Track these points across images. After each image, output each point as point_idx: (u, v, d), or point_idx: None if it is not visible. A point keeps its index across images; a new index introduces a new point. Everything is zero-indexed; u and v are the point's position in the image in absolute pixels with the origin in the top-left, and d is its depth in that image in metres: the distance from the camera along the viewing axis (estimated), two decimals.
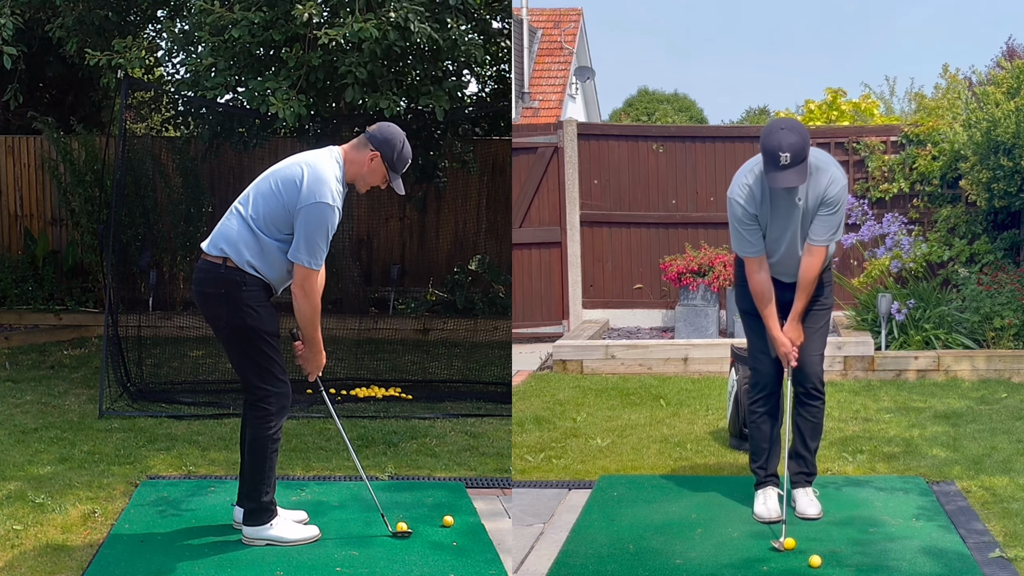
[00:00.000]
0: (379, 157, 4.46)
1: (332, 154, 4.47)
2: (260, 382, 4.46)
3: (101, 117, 11.68)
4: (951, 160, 9.39)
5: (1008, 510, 4.89)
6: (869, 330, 8.47)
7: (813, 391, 4.89)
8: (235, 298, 4.38)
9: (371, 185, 4.56)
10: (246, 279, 4.39)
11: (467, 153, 10.61)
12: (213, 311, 4.46)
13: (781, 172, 4.44)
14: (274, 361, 4.46)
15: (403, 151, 4.50)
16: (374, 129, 4.51)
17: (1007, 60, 9.88)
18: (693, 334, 9.22)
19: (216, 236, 4.46)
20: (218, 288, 4.40)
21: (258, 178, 4.53)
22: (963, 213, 9.39)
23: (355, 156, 4.48)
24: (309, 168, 4.36)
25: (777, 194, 4.61)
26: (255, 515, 4.53)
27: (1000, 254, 9.12)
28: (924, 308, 8.40)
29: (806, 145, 4.47)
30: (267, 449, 4.50)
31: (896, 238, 9.09)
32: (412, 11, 7.44)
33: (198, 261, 4.53)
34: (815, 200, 4.63)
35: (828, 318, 4.97)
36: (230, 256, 4.38)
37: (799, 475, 4.99)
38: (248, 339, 4.41)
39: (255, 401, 4.49)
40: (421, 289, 11.29)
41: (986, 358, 7.97)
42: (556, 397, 7.60)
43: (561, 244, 10.12)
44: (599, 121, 23.84)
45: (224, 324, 4.44)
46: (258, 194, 4.43)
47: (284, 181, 4.38)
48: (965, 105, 9.30)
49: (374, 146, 4.46)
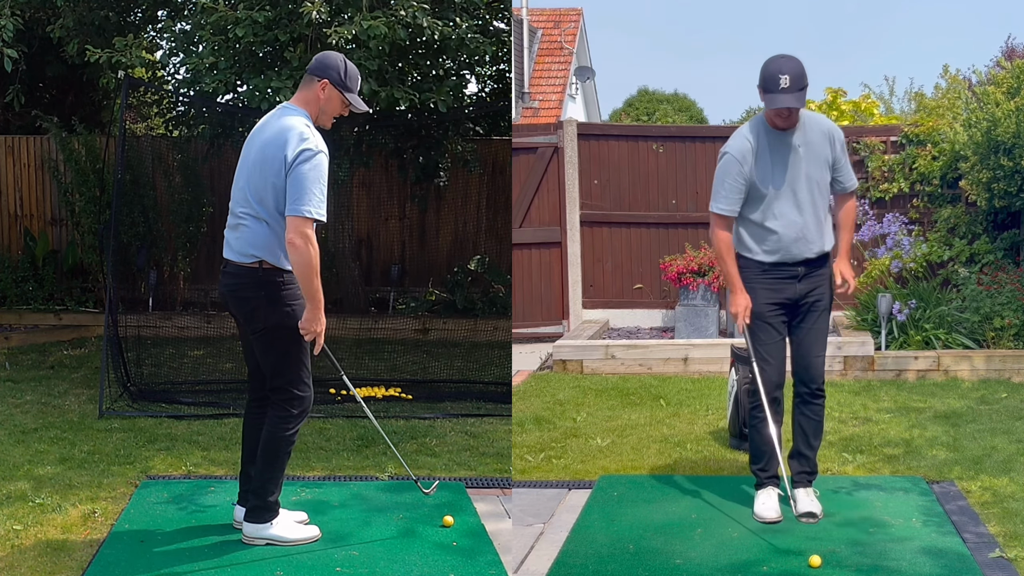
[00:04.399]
0: (328, 83, 4.43)
1: (288, 110, 4.44)
2: (289, 384, 4.47)
3: (101, 117, 11.68)
4: (951, 160, 9.39)
5: (1008, 510, 4.89)
6: (869, 330, 8.47)
7: (817, 391, 4.93)
8: (276, 298, 4.38)
9: (334, 115, 4.50)
10: (285, 277, 4.39)
11: (468, 153, 10.62)
12: (252, 314, 4.44)
13: (781, 94, 4.57)
14: (304, 363, 4.49)
15: (348, 68, 4.48)
16: (311, 64, 4.50)
17: (1007, 60, 9.88)
18: (693, 334, 9.22)
19: (240, 244, 4.41)
20: (258, 291, 4.39)
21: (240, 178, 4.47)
22: (963, 213, 9.39)
23: (307, 96, 4.46)
24: (281, 132, 4.31)
25: (775, 145, 4.71)
26: (258, 513, 4.52)
27: (1000, 254, 9.12)
28: (924, 308, 8.39)
29: (804, 73, 4.60)
30: (282, 450, 4.51)
31: (896, 238, 9.09)
32: (419, 9, 7.45)
33: (224, 266, 4.49)
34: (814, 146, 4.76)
35: (830, 319, 5.03)
36: (265, 258, 4.37)
37: (801, 474, 4.99)
38: (285, 338, 4.41)
39: (281, 401, 4.49)
40: (421, 289, 11.29)
41: (986, 358, 7.97)
42: (556, 397, 7.60)
43: (561, 244, 10.12)
44: (599, 121, 23.85)
45: (262, 325, 4.42)
46: (254, 191, 4.38)
47: (268, 161, 4.32)
48: (965, 105, 9.30)
49: (318, 76, 4.44)
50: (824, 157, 4.79)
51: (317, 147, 4.30)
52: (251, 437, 4.68)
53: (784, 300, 4.84)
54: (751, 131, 4.76)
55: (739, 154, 4.73)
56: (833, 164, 4.83)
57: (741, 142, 4.75)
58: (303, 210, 4.23)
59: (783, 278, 4.82)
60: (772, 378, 4.84)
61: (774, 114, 4.66)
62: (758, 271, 4.84)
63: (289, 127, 4.33)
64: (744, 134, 4.77)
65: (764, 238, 4.82)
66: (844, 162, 4.87)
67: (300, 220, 4.23)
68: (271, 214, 4.34)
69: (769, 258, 4.82)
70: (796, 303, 4.87)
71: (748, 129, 4.79)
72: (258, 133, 4.48)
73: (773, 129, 4.74)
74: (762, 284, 4.83)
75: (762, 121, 4.76)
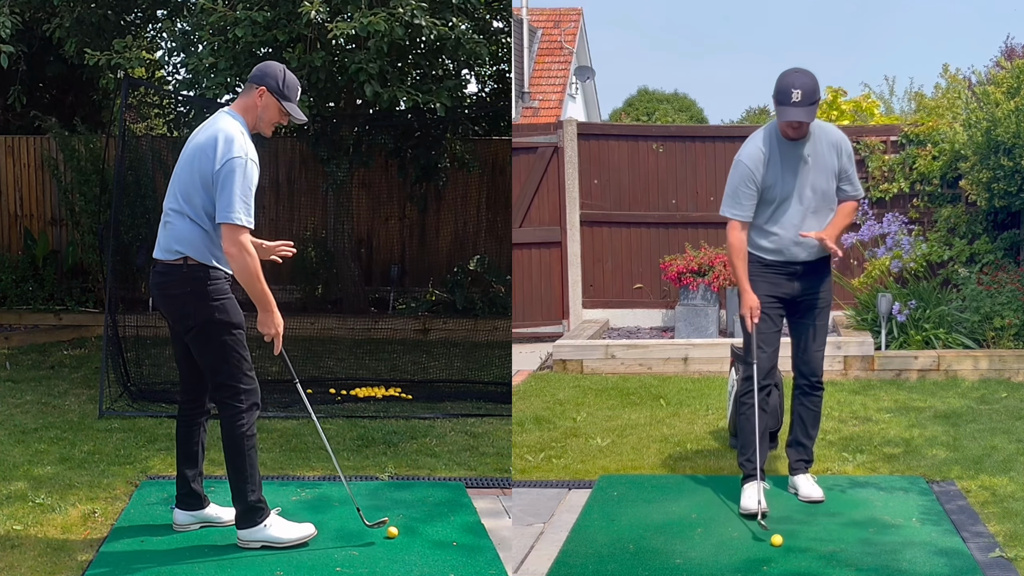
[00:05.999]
0: (265, 91, 4.45)
1: (226, 114, 4.46)
2: (231, 379, 4.43)
3: (101, 117, 11.68)
4: (951, 160, 9.39)
5: (1008, 510, 4.89)
6: (869, 330, 8.47)
7: (816, 383, 5.15)
8: (202, 294, 4.38)
9: (272, 123, 4.53)
10: (210, 274, 4.40)
11: (467, 153, 10.62)
12: (180, 311, 4.45)
13: (792, 107, 4.72)
14: (243, 357, 4.45)
15: (286, 77, 4.50)
16: (252, 72, 4.52)
17: (1007, 60, 9.87)
18: (693, 334, 9.22)
19: (167, 240, 4.43)
20: (184, 287, 4.40)
21: (173, 176, 4.49)
22: (963, 213, 9.39)
23: (245, 103, 4.49)
24: (214, 135, 4.34)
25: (786, 154, 4.87)
26: (246, 516, 4.50)
27: (1000, 254, 9.12)
28: (924, 308, 8.39)
29: (816, 88, 4.75)
30: (243, 447, 4.45)
31: (896, 238, 9.09)
32: (418, 8, 7.45)
33: (154, 266, 4.51)
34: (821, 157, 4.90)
35: (829, 317, 5.21)
36: (189, 255, 4.38)
37: (799, 462, 5.19)
38: (219, 334, 4.40)
39: (225, 399, 4.46)
40: (421, 289, 11.29)
41: (986, 358, 7.97)
42: (556, 397, 7.60)
43: (561, 244, 10.12)
44: (599, 121, 23.84)
45: (193, 323, 4.42)
46: (183, 189, 4.40)
47: (198, 161, 4.35)
48: (965, 105, 9.29)
49: (256, 84, 4.46)
50: (831, 167, 4.95)
51: (246, 154, 4.32)
52: (184, 439, 4.70)
53: (782, 295, 5.03)
54: (764, 140, 4.92)
55: (752, 163, 4.89)
56: (839, 174, 4.99)
57: (754, 151, 4.91)
58: (232, 217, 4.27)
59: (782, 274, 5.01)
60: (764, 365, 4.99)
61: (786, 125, 4.83)
62: (759, 266, 5.03)
63: (221, 130, 4.36)
64: (757, 143, 4.93)
65: (766, 239, 5.00)
66: (851, 172, 5.01)
67: (231, 228, 4.28)
68: (197, 213, 4.36)
69: (770, 256, 5.01)
70: (794, 300, 5.06)
71: (761, 138, 4.94)
72: (196, 134, 4.51)
73: (784, 139, 4.89)
74: (762, 278, 5.01)
75: (774, 129, 4.92)
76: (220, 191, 4.28)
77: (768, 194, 4.92)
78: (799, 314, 5.09)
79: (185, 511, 4.72)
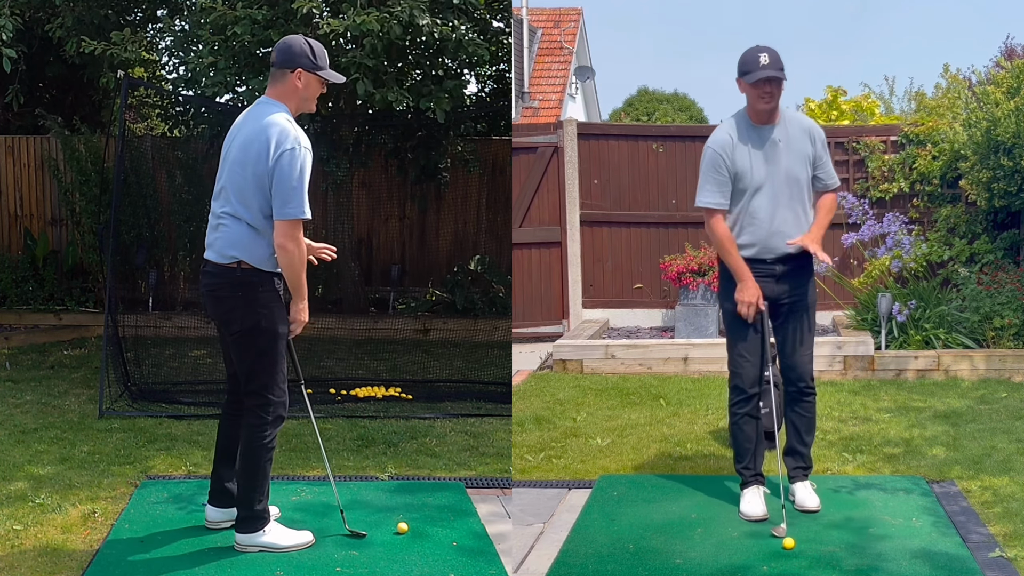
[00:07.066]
0: (302, 71, 4.38)
1: (266, 106, 4.38)
2: (263, 389, 4.40)
3: (101, 117, 11.69)
4: (951, 160, 9.38)
5: (1008, 510, 4.89)
6: (869, 330, 8.47)
7: (806, 389, 4.98)
8: (252, 300, 4.34)
9: (315, 97, 4.47)
10: (263, 279, 4.35)
11: (467, 153, 10.61)
12: (228, 315, 4.40)
13: (762, 69, 4.65)
14: (279, 368, 4.42)
15: (314, 49, 4.42)
16: (275, 58, 4.42)
17: (1007, 60, 9.87)
18: (693, 334, 9.22)
19: (220, 244, 4.36)
20: (235, 291, 4.35)
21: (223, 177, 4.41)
22: (963, 213, 9.39)
23: (283, 89, 4.40)
24: (263, 130, 4.26)
25: (755, 139, 4.77)
26: (248, 523, 4.48)
27: (1000, 254, 9.12)
28: (924, 308, 8.40)
29: (780, 58, 4.70)
30: (262, 458, 4.44)
31: (896, 238, 9.09)
32: (416, 7, 7.43)
33: (204, 266, 4.46)
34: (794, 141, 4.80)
35: (815, 316, 5.01)
36: (244, 259, 4.32)
37: (797, 469, 5.05)
38: (261, 341, 4.36)
39: (255, 407, 4.43)
40: (421, 289, 11.29)
41: (986, 358, 7.97)
42: (556, 397, 7.60)
43: (561, 244, 10.12)
44: (599, 121, 23.84)
45: (238, 327, 4.37)
46: (237, 192, 4.32)
47: (252, 160, 4.27)
48: (965, 105, 9.29)
49: (290, 67, 4.37)
50: (804, 153, 4.83)
51: (299, 143, 4.26)
52: (225, 435, 4.66)
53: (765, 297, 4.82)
54: (732, 125, 4.83)
55: (719, 147, 4.79)
56: (814, 161, 4.86)
57: (722, 136, 4.81)
58: (291, 212, 4.22)
59: (762, 276, 4.83)
60: (751, 373, 4.87)
61: (756, 96, 4.71)
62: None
63: (270, 124, 4.27)
64: (725, 128, 4.84)
65: (742, 231, 4.84)
66: (825, 159, 4.89)
67: (291, 224, 4.23)
68: (254, 216, 4.29)
69: (747, 252, 4.83)
70: (778, 301, 4.87)
71: (729, 124, 4.85)
72: (238, 130, 4.43)
73: (753, 125, 4.79)
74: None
75: (743, 116, 4.83)
76: (276, 185, 4.22)
77: (740, 183, 4.77)
78: (783, 317, 4.90)
79: (217, 508, 4.69)
